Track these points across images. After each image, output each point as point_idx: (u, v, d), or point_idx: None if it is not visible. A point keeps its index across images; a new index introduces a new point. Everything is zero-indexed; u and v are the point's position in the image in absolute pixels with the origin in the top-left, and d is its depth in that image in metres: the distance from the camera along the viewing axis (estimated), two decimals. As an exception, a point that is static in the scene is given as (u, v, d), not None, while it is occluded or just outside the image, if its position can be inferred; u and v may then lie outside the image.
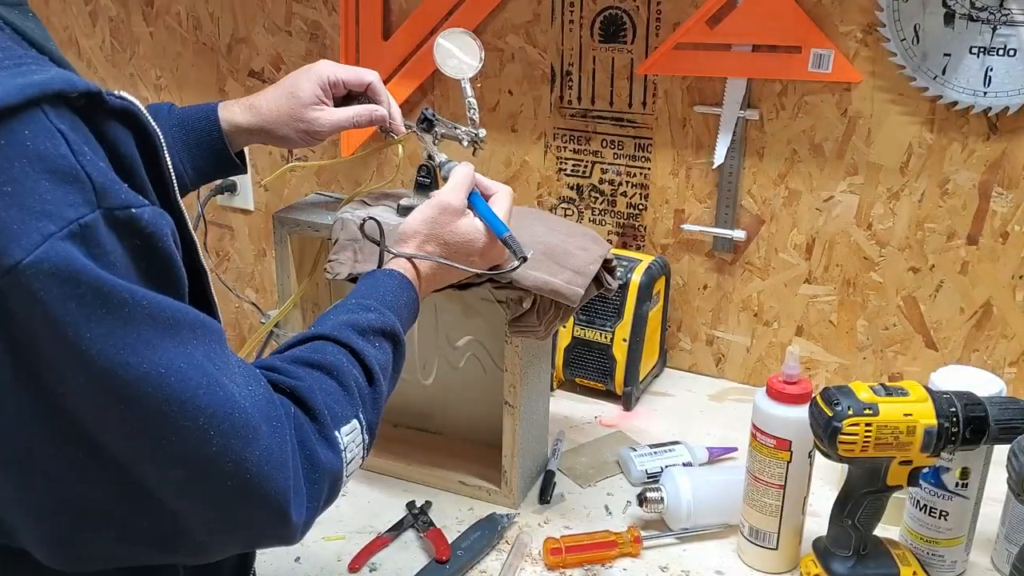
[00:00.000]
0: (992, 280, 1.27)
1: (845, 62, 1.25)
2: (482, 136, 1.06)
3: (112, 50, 1.79)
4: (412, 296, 0.88)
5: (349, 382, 0.73)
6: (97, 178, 0.54)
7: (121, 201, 0.55)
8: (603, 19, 1.39)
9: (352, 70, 1.05)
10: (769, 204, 1.37)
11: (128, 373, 0.55)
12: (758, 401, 0.99)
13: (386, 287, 0.86)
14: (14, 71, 0.54)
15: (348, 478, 0.72)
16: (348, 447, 0.70)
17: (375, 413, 0.76)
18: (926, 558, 1.00)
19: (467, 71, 1.06)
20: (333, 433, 0.69)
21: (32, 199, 0.52)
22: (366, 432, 0.74)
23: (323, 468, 0.67)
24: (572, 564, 1.02)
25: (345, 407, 0.72)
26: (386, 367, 0.79)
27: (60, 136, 0.53)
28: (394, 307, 0.84)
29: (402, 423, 1.29)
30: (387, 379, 0.80)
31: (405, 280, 0.88)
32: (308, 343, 0.76)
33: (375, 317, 0.80)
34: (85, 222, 0.53)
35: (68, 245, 0.52)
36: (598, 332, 1.36)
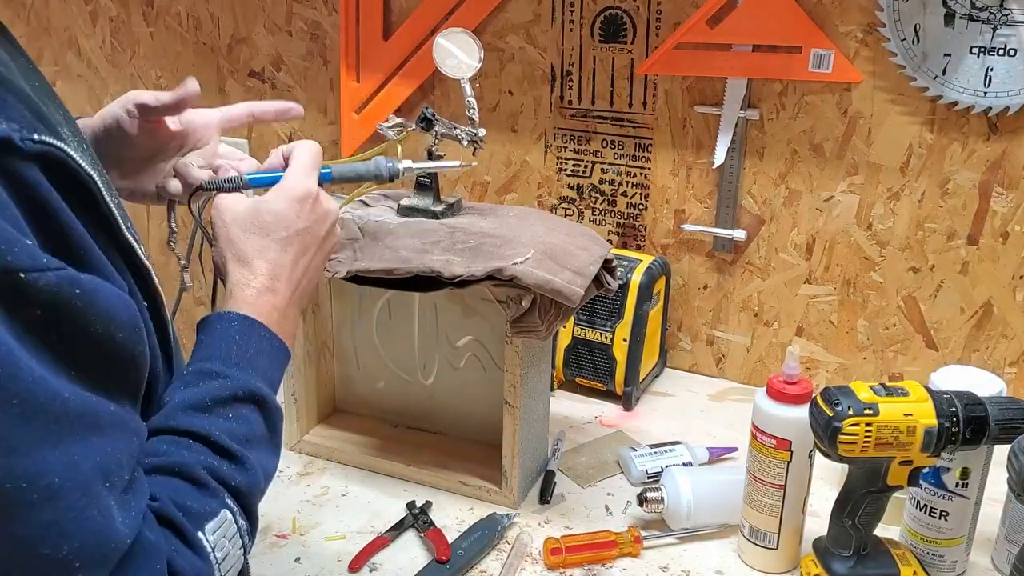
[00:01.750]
0: (992, 280, 1.27)
1: (845, 62, 1.25)
2: (481, 136, 1.06)
3: (112, 50, 1.79)
4: (260, 335, 0.72)
5: (199, 473, 0.62)
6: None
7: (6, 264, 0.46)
8: (603, 19, 1.39)
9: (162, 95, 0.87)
10: (769, 204, 1.37)
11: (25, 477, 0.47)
12: (758, 401, 0.99)
13: (226, 339, 0.70)
14: None
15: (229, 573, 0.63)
16: (217, 545, 0.61)
17: (251, 488, 0.66)
18: (926, 558, 1.00)
19: (466, 71, 1.07)
20: (195, 536, 0.60)
21: None
22: (241, 517, 0.64)
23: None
24: (572, 564, 1.02)
25: (204, 502, 0.61)
26: (250, 435, 0.67)
27: None
28: (240, 361, 0.69)
29: (402, 423, 1.29)
30: (256, 446, 0.67)
31: (245, 320, 0.72)
32: None
33: (218, 386, 0.66)
34: None
35: None
36: (598, 332, 1.36)
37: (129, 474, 0.54)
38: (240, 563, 0.64)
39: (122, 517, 0.52)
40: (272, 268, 0.75)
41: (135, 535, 0.54)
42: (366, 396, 1.29)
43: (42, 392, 0.47)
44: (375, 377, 1.28)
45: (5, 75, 0.56)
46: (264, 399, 0.69)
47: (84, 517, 0.49)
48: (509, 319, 1.04)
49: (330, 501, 1.15)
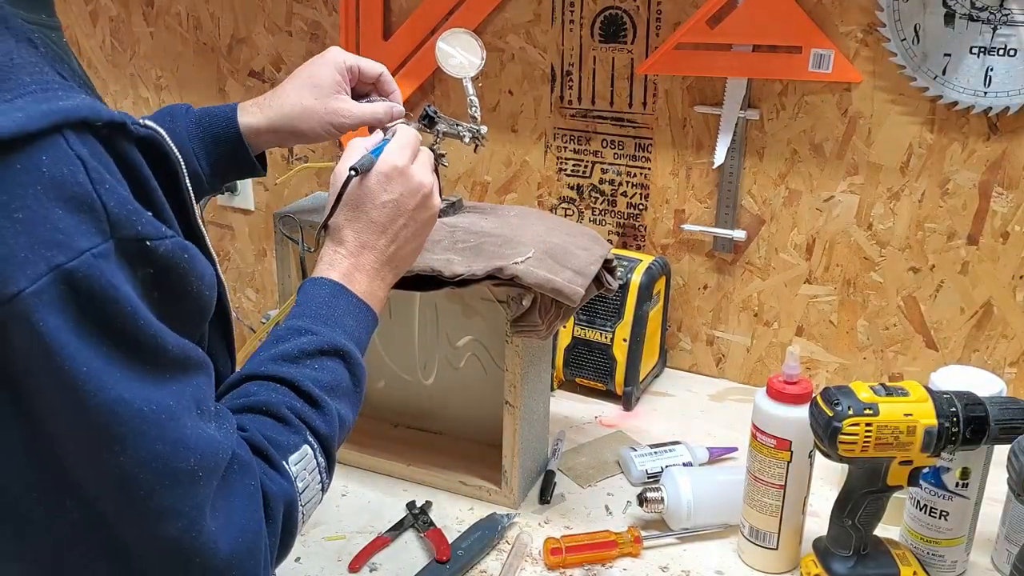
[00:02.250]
0: (992, 280, 1.27)
1: (845, 62, 1.25)
2: (483, 132, 1.06)
3: (112, 50, 1.79)
4: (349, 299, 0.81)
5: (284, 412, 0.70)
6: (113, 207, 0.53)
7: (136, 232, 0.55)
8: (603, 19, 1.39)
9: (362, 59, 1.01)
10: (769, 204, 1.37)
11: (123, 408, 0.54)
12: (758, 401, 0.99)
13: (317, 300, 0.79)
14: (40, 96, 0.53)
15: (307, 508, 0.71)
16: (299, 475, 0.69)
17: (330, 432, 0.73)
18: (926, 558, 1.00)
19: (469, 70, 1.07)
20: (281, 463, 0.68)
21: (44, 228, 0.51)
22: (321, 455, 0.71)
23: (277, 497, 0.66)
24: (572, 564, 1.02)
25: (288, 437, 0.69)
26: (335, 385, 0.75)
27: (79, 163, 0.52)
28: (329, 320, 0.78)
29: (402, 423, 1.29)
30: (340, 396, 0.76)
31: (335, 285, 0.81)
32: (234, 389, 0.73)
33: (307, 341, 0.75)
34: (97, 251, 0.52)
35: (74, 276, 0.51)
36: (598, 332, 1.36)
37: (214, 404, 0.62)
38: (318, 500, 0.72)
39: (221, 435, 0.61)
40: (358, 238, 0.83)
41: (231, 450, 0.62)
42: (366, 396, 1.29)
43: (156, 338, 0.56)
44: (375, 377, 1.28)
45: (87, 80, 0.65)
46: (348, 354, 0.77)
47: (198, 434, 0.58)
48: (509, 319, 1.04)
49: (330, 501, 1.15)
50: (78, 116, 0.53)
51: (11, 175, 0.50)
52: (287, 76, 1.01)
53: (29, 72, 0.55)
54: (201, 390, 0.60)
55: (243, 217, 1.80)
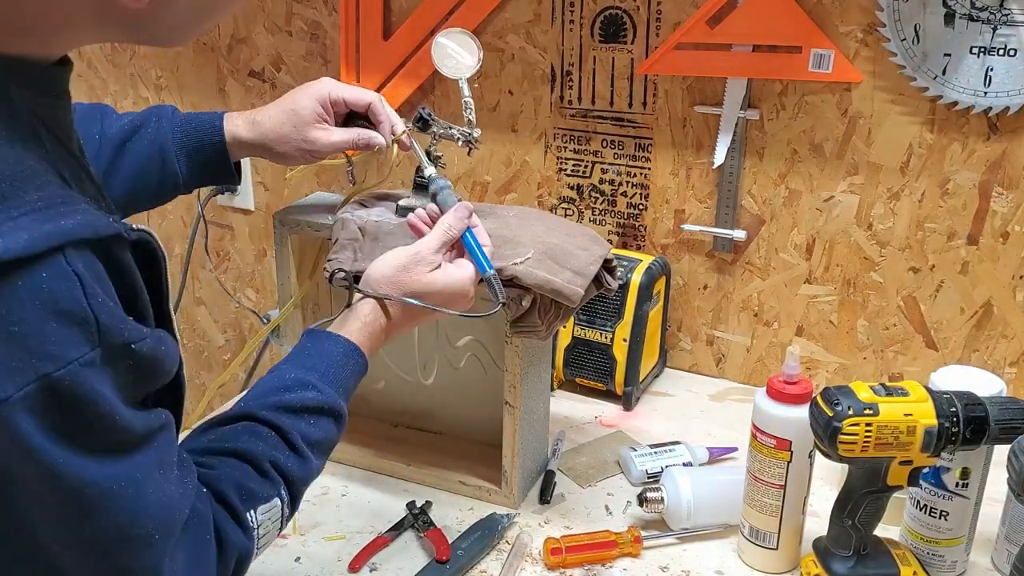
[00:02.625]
0: (992, 280, 1.27)
1: (845, 62, 1.25)
2: (476, 136, 1.06)
3: (112, 50, 1.79)
4: (359, 364, 0.88)
5: (265, 465, 0.76)
6: (104, 319, 0.58)
7: (123, 339, 0.60)
8: (603, 19, 1.39)
9: (354, 90, 1.05)
10: (769, 204, 1.37)
11: (93, 489, 0.59)
12: (758, 401, 0.99)
13: (331, 359, 0.85)
14: (44, 215, 0.56)
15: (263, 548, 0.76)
16: (262, 524, 0.74)
17: (303, 483, 0.80)
18: (926, 558, 1.00)
19: (465, 71, 1.06)
20: (245, 516, 0.73)
21: (37, 340, 0.55)
22: (288, 506, 0.78)
23: (233, 547, 0.71)
24: (572, 564, 1.02)
25: (263, 488, 0.75)
26: (323, 442, 0.82)
27: (76, 280, 0.56)
28: (336, 380, 0.84)
29: (402, 423, 1.29)
30: (322, 452, 0.82)
31: (351, 347, 0.87)
32: (231, 424, 0.79)
33: (312, 397, 0.81)
34: (83, 360, 0.57)
35: (60, 384, 0.56)
36: (598, 332, 1.36)
37: (176, 458, 0.67)
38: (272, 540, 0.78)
39: (180, 493, 0.66)
40: (397, 319, 0.91)
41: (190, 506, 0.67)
42: (366, 396, 1.29)
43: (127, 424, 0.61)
44: (375, 377, 1.28)
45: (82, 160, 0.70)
46: (342, 416, 0.84)
47: (158, 499, 0.63)
48: (509, 319, 1.04)
49: (330, 501, 1.15)
50: (79, 236, 0.57)
51: (12, 291, 0.54)
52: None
53: (36, 185, 0.58)
54: (163, 449, 0.65)
55: (243, 217, 1.80)
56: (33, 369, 0.55)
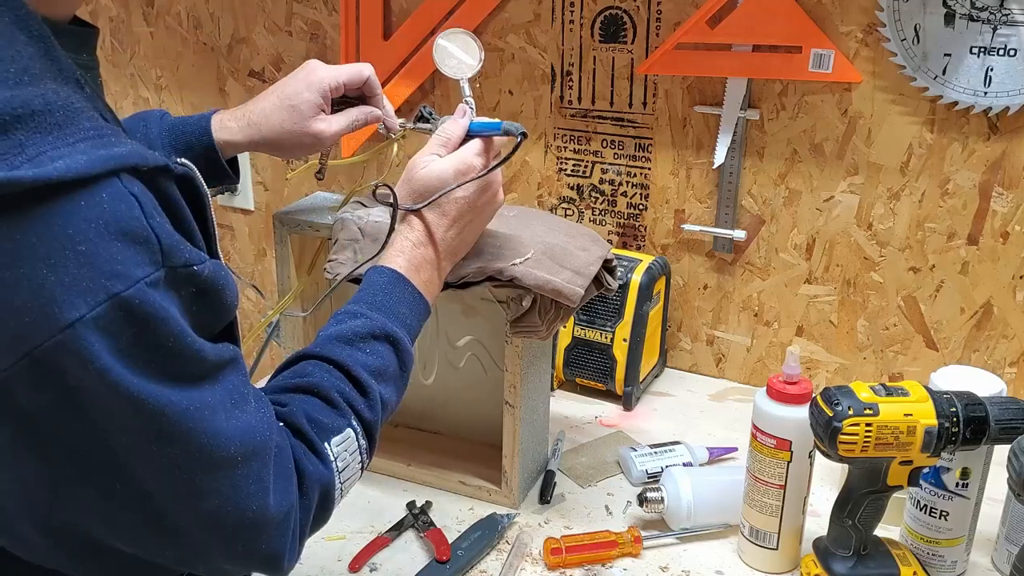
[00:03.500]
0: (992, 280, 1.27)
1: (845, 62, 1.25)
2: None
3: (112, 50, 1.79)
4: (406, 289, 0.87)
5: (333, 395, 0.76)
6: (165, 240, 0.59)
7: (184, 260, 0.61)
8: (603, 19, 1.39)
9: (347, 69, 1.03)
10: (769, 204, 1.37)
11: (172, 411, 0.60)
12: (758, 401, 0.99)
13: (375, 287, 0.86)
14: (98, 141, 0.58)
15: (345, 485, 0.76)
16: (339, 456, 0.74)
17: (373, 416, 0.79)
18: (926, 558, 1.00)
19: (466, 71, 1.06)
20: (322, 446, 0.73)
21: (104, 259, 0.56)
22: (363, 437, 0.77)
23: (313, 479, 0.72)
24: (572, 564, 1.02)
25: (334, 419, 0.75)
26: (383, 369, 0.81)
27: (135, 200, 0.58)
28: (384, 307, 0.84)
29: (402, 423, 1.29)
30: (387, 380, 0.82)
31: (395, 275, 0.87)
32: (291, 367, 0.80)
33: (361, 324, 0.82)
34: (150, 280, 0.58)
35: (130, 303, 0.57)
36: (598, 332, 1.36)
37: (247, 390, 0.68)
38: (357, 477, 0.78)
39: (258, 421, 0.67)
40: (427, 227, 0.90)
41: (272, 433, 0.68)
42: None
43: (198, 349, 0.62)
44: (375, 377, 1.27)
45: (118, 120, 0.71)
46: (398, 340, 0.83)
47: (235, 424, 0.64)
48: (509, 319, 1.04)
49: (330, 501, 1.15)
50: (131, 162, 0.59)
51: (76, 211, 0.56)
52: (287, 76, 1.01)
53: (87, 116, 0.60)
54: (235, 383, 0.66)
55: (243, 217, 1.80)
56: (104, 289, 0.56)
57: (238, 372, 0.67)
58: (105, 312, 0.56)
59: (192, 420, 0.61)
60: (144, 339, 0.58)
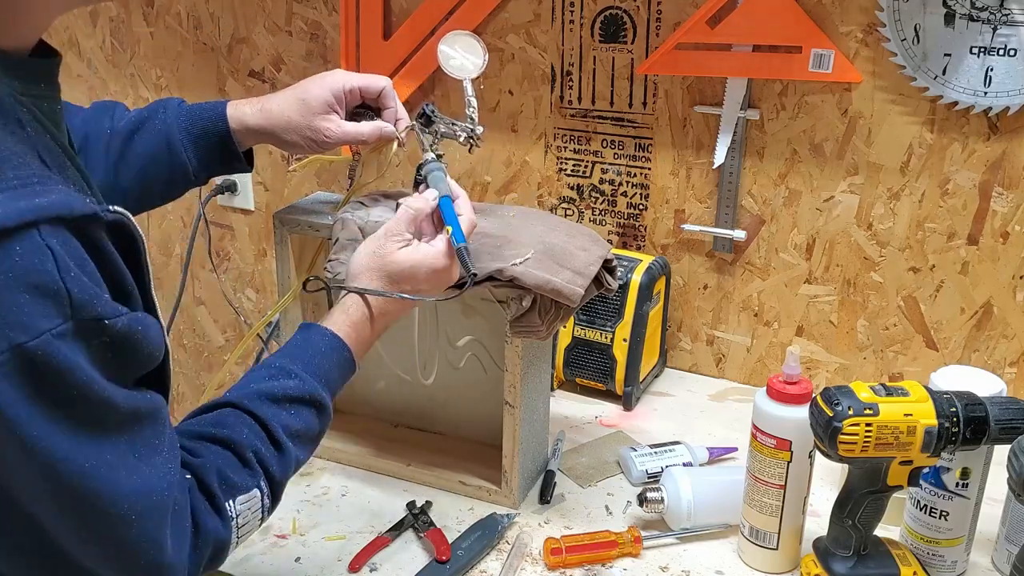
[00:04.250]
0: (992, 280, 1.27)
1: (845, 62, 1.25)
2: (479, 133, 1.06)
3: (112, 50, 1.79)
4: (343, 356, 0.88)
5: (247, 454, 0.77)
6: (77, 294, 0.59)
7: (96, 313, 0.61)
8: (603, 19, 1.39)
9: (366, 77, 1.05)
10: (769, 204, 1.37)
11: (65, 468, 0.61)
12: (758, 401, 0.99)
13: (315, 349, 0.86)
14: (20, 192, 0.58)
15: (242, 539, 0.77)
16: (241, 514, 0.76)
17: (283, 475, 0.80)
18: (926, 558, 1.00)
19: (470, 71, 1.06)
20: (224, 504, 0.74)
21: (9, 312, 0.57)
22: (267, 497, 0.78)
23: (208, 536, 0.73)
24: (572, 564, 1.02)
25: (244, 478, 0.76)
26: (303, 432, 0.82)
27: (50, 254, 0.58)
28: (319, 371, 0.85)
29: (402, 423, 1.29)
30: (305, 442, 0.83)
31: (336, 341, 0.88)
32: (217, 410, 0.80)
33: (294, 385, 0.82)
34: (56, 332, 0.58)
35: (33, 353, 0.57)
36: (598, 332, 1.36)
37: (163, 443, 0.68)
38: (255, 529, 0.79)
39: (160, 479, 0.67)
40: (380, 309, 0.91)
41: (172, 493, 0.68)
42: (366, 396, 1.29)
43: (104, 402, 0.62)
44: (375, 377, 1.28)
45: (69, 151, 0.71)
46: (324, 405, 0.84)
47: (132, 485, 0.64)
48: (509, 319, 1.04)
49: (330, 501, 1.15)
50: (53, 213, 0.59)
51: None
52: (287, 76, 1.02)
53: (13, 165, 0.60)
54: (146, 435, 0.67)
55: (243, 217, 1.80)
56: (6, 339, 0.57)
57: (154, 423, 0.68)
58: (7, 360, 0.57)
59: (88, 477, 0.62)
60: (48, 390, 0.59)
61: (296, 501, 1.14)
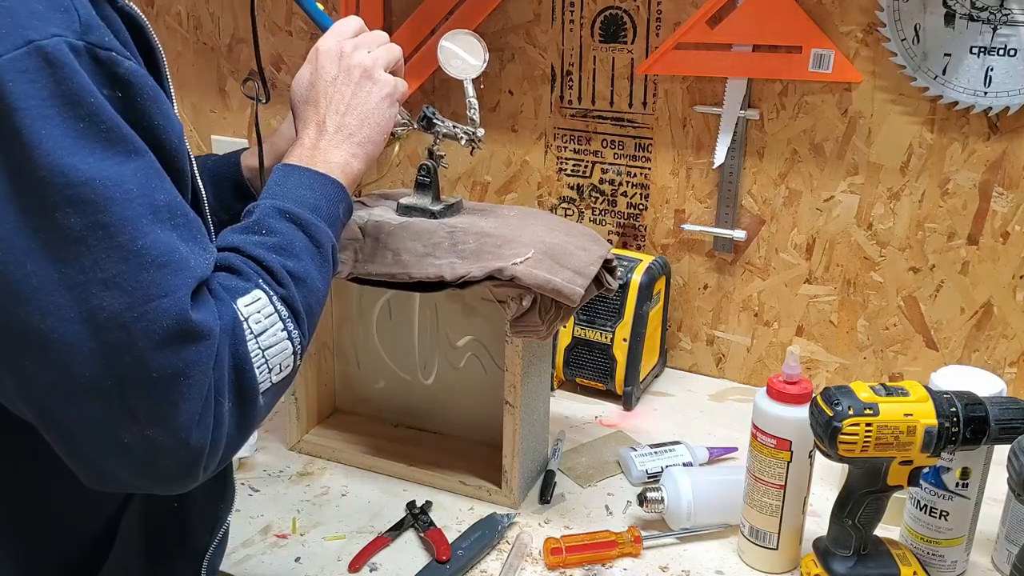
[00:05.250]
0: (992, 280, 1.27)
1: (845, 62, 1.25)
2: (480, 135, 1.06)
3: (112, 50, 1.79)
4: (301, 174, 0.82)
5: (236, 263, 0.70)
6: (84, 15, 0.58)
7: (104, 42, 0.59)
8: (603, 19, 1.39)
9: None
10: (769, 204, 1.37)
11: (72, 175, 0.56)
12: (758, 401, 0.99)
13: (268, 186, 0.81)
14: None
15: (269, 355, 0.68)
16: (251, 317, 0.67)
17: (285, 289, 0.71)
18: (926, 558, 1.00)
19: (471, 71, 1.07)
20: (230, 302, 0.67)
21: (25, 13, 0.56)
22: (280, 303, 0.70)
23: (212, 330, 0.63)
24: (572, 564, 1.02)
25: (238, 282, 0.69)
26: (285, 245, 0.74)
27: None
28: (277, 195, 0.79)
29: (402, 423, 1.29)
30: (294, 255, 0.74)
31: (284, 167, 0.83)
32: None
33: (252, 217, 0.76)
34: (69, 42, 0.57)
35: (47, 52, 0.56)
36: (598, 332, 1.36)
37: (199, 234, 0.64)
38: (288, 350, 0.69)
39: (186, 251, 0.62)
40: (301, 122, 0.87)
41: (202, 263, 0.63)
42: (366, 396, 1.29)
43: (119, 127, 0.59)
44: (375, 377, 1.28)
45: None
46: (296, 215, 0.76)
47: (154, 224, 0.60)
48: (509, 319, 1.04)
49: (330, 501, 1.15)
50: None
51: None
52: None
53: None
54: (180, 222, 0.62)
55: (243, 217, 1.80)
56: (20, 35, 0.56)
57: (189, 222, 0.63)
58: (22, 56, 0.55)
59: (96, 194, 0.56)
60: (61, 94, 0.56)
61: (296, 501, 1.14)
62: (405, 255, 1.03)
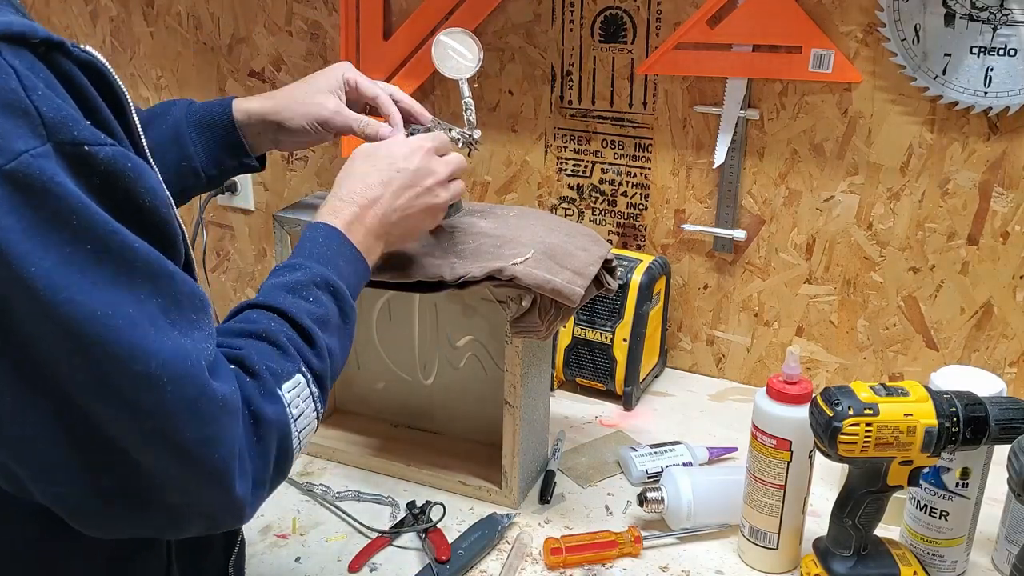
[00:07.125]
0: (992, 280, 1.27)
1: (845, 62, 1.25)
2: (476, 137, 1.06)
3: (112, 50, 1.79)
4: (344, 243, 0.85)
5: (281, 340, 0.72)
6: (48, 113, 0.54)
7: (73, 137, 0.55)
8: (603, 19, 1.39)
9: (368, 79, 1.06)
10: (769, 204, 1.37)
11: (75, 310, 0.54)
12: (758, 401, 0.99)
13: (312, 242, 0.83)
14: None
15: (302, 434, 0.72)
16: (293, 402, 0.70)
17: (322, 365, 0.75)
18: (926, 558, 1.00)
19: (465, 71, 1.06)
20: (275, 389, 0.69)
21: None
22: (314, 384, 0.73)
23: (270, 423, 0.67)
24: (572, 564, 1.02)
25: (283, 364, 0.71)
26: (326, 318, 0.77)
27: (12, 71, 0.53)
28: (322, 258, 0.81)
29: (402, 423, 1.29)
30: (330, 330, 0.78)
31: (331, 229, 0.85)
32: (239, 314, 0.76)
33: (301, 275, 0.79)
34: (35, 153, 0.53)
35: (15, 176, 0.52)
36: (598, 332, 1.36)
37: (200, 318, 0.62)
38: (313, 428, 0.74)
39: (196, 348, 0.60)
40: (365, 190, 0.89)
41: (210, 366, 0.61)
42: (366, 396, 1.29)
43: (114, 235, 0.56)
44: (375, 377, 1.28)
45: None
46: (337, 288, 0.80)
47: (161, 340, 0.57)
48: (509, 319, 1.04)
49: (330, 501, 1.15)
50: (12, 31, 0.54)
51: None
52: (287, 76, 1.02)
53: None
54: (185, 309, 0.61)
55: (243, 217, 1.80)
56: None
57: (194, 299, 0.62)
58: None
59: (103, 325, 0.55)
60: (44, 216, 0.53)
61: (296, 501, 1.14)
62: (405, 255, 1.03)
